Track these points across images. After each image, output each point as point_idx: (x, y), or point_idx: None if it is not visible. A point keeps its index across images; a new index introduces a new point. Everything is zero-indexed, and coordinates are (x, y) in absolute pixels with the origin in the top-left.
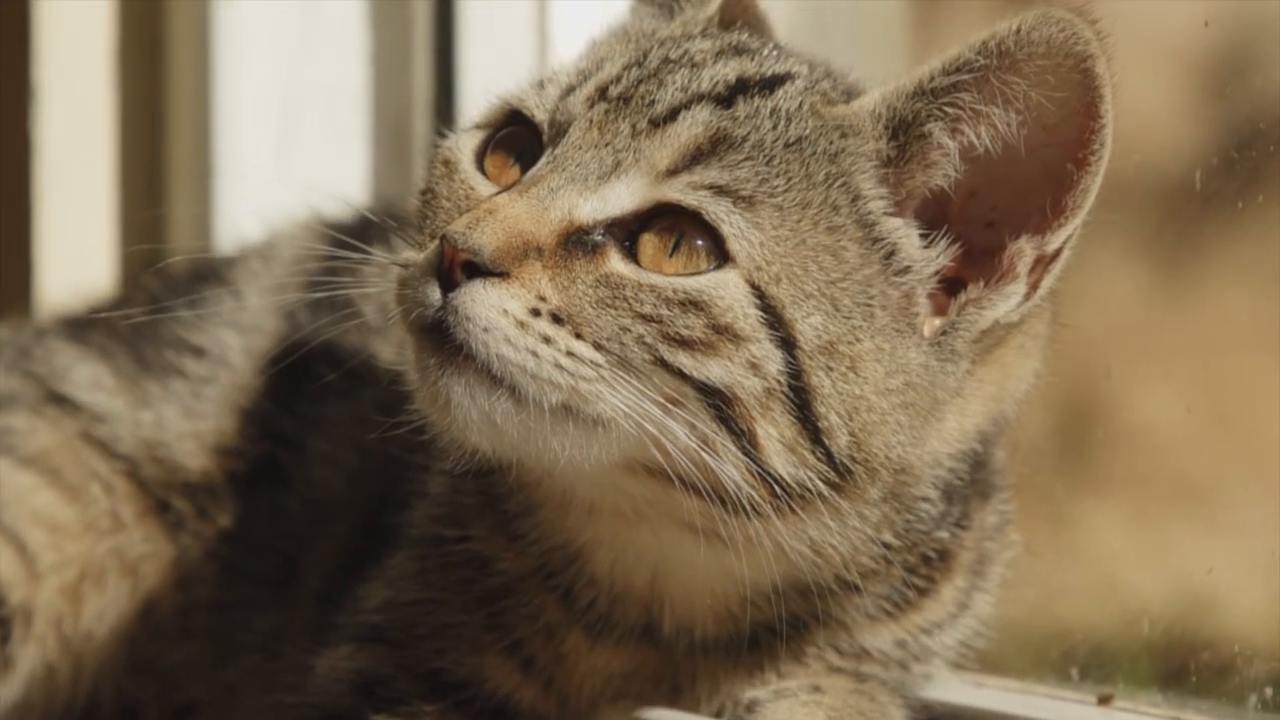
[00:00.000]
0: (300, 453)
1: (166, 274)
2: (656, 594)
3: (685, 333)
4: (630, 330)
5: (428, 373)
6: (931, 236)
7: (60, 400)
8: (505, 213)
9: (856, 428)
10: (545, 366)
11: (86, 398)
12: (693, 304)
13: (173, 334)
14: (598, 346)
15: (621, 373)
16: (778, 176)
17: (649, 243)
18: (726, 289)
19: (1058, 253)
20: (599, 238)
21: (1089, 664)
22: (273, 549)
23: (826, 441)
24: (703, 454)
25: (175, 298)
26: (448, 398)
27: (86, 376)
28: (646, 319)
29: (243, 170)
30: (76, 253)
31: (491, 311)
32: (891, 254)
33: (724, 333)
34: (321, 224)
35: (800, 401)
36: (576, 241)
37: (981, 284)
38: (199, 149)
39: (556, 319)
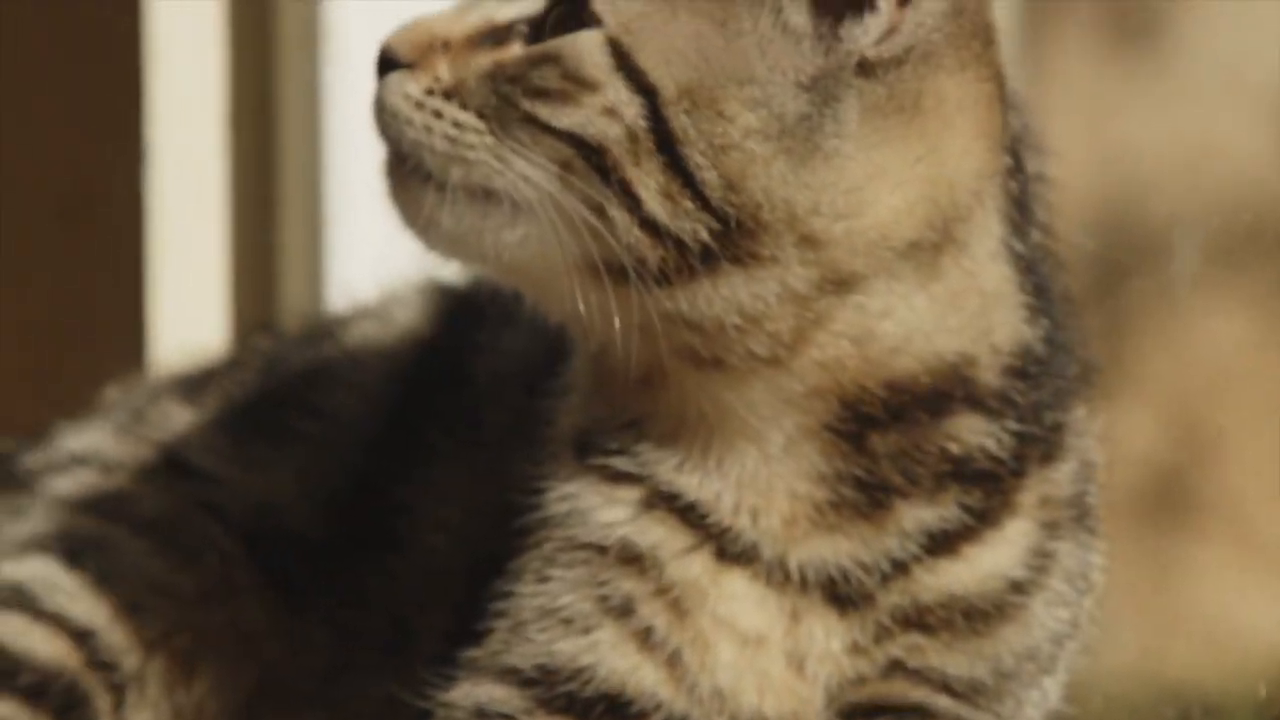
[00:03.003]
0: (413, 517)
1: (279, 334)
2: (724, 472)
3: (540, 83)
4: (499, 91)
5: (384, 180)
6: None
7: (174, 464)
8: (425, 20)
9: (727, 171)
10: (437, 140)
11: (200, 461)
12: (548, 58)
13: (286, 395)
14: (480, 114)
15: (504, 136)
16: None
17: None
18: (580, 42)
19: None
20: (511, 33)
21: None
22: (386, 613)
23: (702, 188)
24: (599, 222)
25: (288, 358)
26: (395, 197)
27: (200, 440)
28: (513, 79)
29: (356, 230)
30: (188, 312)
31: (396, 97)
32: (779, 10)
33: (573, 79)
34: (437, 289)
35: (666, 146)
36: (491, 37)
37: (845, 20)
38: (311, 208)
39: (447, 95)
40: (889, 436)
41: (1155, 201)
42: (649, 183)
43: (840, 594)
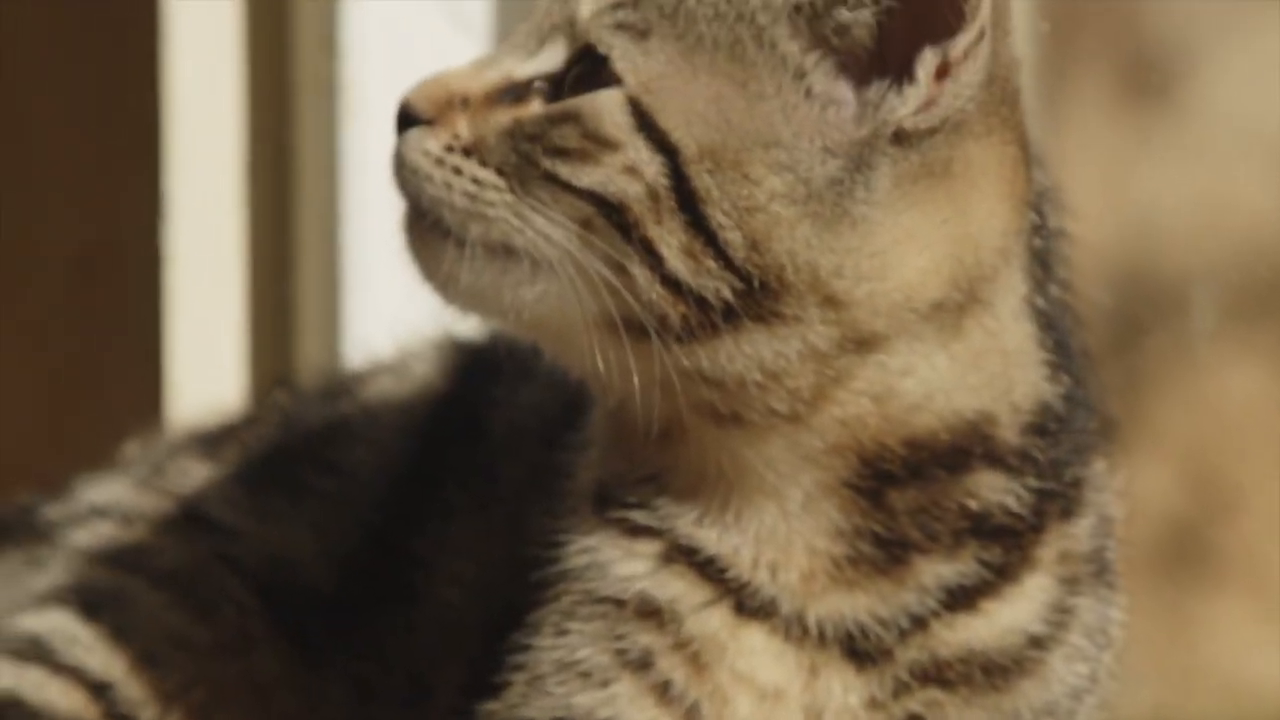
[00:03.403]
0: (428, 571)
1: (297, 389)
2: (743, 527)
3: (560, 142)
4: (519, 148)
5: (403, 235)
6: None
7: (193, 518)
8: (444, 76)
9: (751, 232)
10: (457, 197)
11: (218, 514)
12: (568, 117)
13: (304, 450)
14: (500, 172)
15: (524, 193)
16: (679, 14)
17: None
18: (599, 101)
19: (963, 60)
20: (530, 90)
21: None
22: (401, 667)
23: (724, 248)
24: (620, 279)
25: (306, 414)
26: (414, 252)
27: (218, 493)
28: (532, 137)
29: (373, 285)
30: (206, 367)
31: (416, 153)
32: (802, 75)
33: (593, 138)
34: (454, 345)
35: (688, 205)
36: (510, 94)
37: (884, 86)
38: (329, 263)
39: (467, 152)
40: (908, 493)
41: (1172, 257)
42: (671, 241)
43: (858, 649)
